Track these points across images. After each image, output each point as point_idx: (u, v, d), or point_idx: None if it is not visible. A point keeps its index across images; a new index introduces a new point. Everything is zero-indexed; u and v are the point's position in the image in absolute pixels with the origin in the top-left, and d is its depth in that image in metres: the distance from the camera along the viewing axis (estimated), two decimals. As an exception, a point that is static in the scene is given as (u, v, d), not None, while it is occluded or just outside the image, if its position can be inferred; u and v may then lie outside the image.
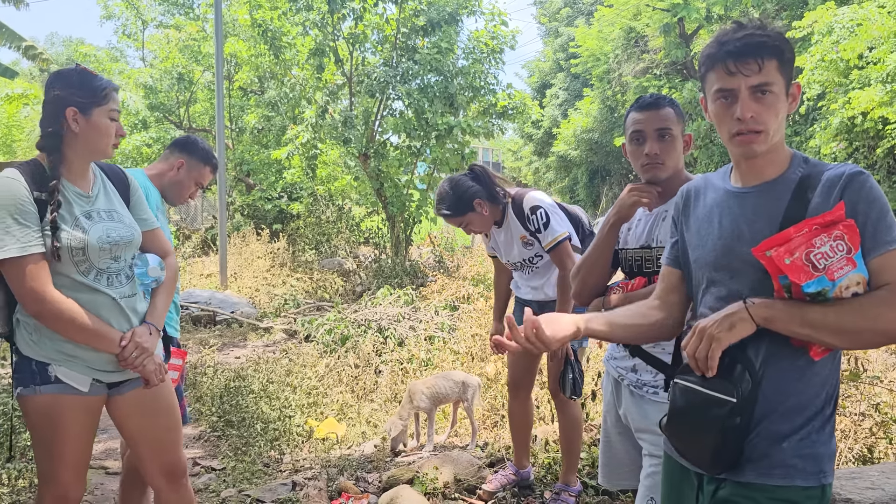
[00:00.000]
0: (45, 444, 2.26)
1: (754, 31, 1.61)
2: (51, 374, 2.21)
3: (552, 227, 3.28)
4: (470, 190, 3.35)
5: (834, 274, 1.47)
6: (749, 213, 1.65)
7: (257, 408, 5.37)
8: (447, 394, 4.58)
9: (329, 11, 12.14)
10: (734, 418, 1.53)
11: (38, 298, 2.11)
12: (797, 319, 1.49)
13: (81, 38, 45.56)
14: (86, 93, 2.23)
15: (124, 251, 2.32)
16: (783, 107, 1.63)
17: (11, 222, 2.09)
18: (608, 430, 2.56)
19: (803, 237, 1.49)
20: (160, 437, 2.46)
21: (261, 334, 9.06)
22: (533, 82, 41.16)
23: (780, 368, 1.56)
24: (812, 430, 1.56)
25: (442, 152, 12.34)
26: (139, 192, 2.53)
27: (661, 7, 21.71)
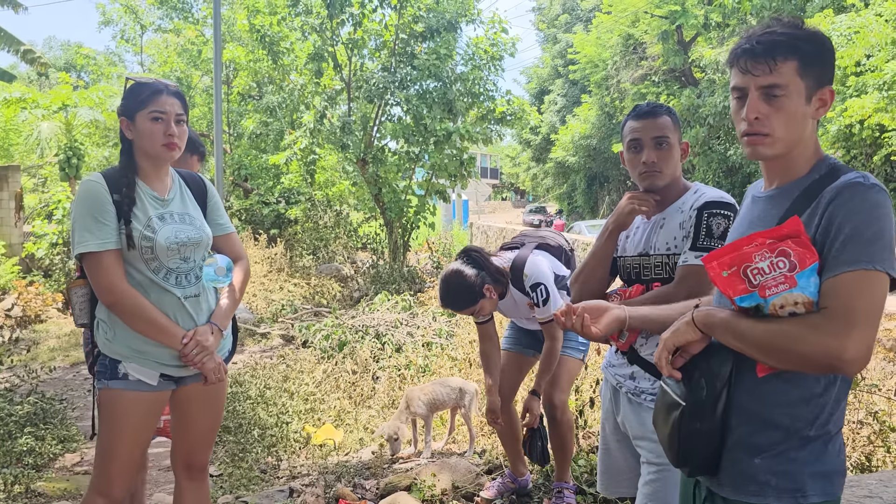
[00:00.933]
0: (104, 438, 2.41)
1: (777, 30, 1.53)
2: (119, 371, 2.37)
3: (551, 304, 3.35)
4: (477, 280, 3.36)
5: (766, 291, 1.42)
6: (756, 220, 1.62)
7: (254, 413, 5.36)
8: (444, 400, 4.57)
9: (328, 17, 12.17)
10: (693, 422, 1.52)
11: (112, 290, 2.30)
12: (730, 330, 1.47)
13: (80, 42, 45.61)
14: (129, 101, 2.40)
15: (193, 252, 2.46)
16: (801, 111, 1.53)
17: (91, 221, 2.29)
18: (606, 437, 2.55)
19: (751, 250, 1.45)
20: (200, 432, 2.61)
21: (258, 340, 9.05)
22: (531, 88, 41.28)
23: (752, 380, 1.51)
24: (790, 448, 1.48)
25: (440, 158, 12.36)
26: (216, 199, 2.68)
27: (660, 14, 21.77)
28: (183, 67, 18.00)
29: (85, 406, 5.81)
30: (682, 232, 2.27)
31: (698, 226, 2.21)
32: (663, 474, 2.25)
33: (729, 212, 2.22)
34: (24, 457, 4.46)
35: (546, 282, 3.36)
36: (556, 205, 38.34)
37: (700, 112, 20.30)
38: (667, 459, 2.21)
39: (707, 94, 20.50)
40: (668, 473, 2.24)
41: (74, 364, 7.75)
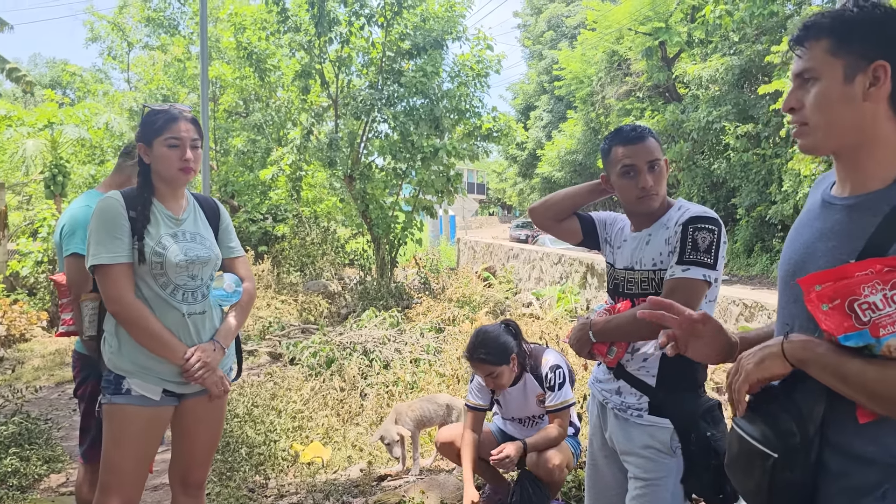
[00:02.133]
0: (107, 452, 2.45)
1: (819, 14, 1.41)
2: (123, 387, 2.43)
3: (565, 390, 3.47)
4: (511, 344, 3.49)
5: (880, 330, 1.21)
6: (828, 231, 1.40)
7: (242, 432, 5.33)
8: (432, 417, 4.57)
9: (316, 34, 12.23)
10: (783, 472, 1.33)
11: (119, 301, 2.39)
12: (831, 369, 1.27)
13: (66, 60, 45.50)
14: (146, 127, 2.51)
15: (201, 270, 2.54)
16: (835, 93, 1.36)
17: (105, 235, 2.40)
18: (594, 453, 2.56)
19: (859, 279, 1.23)
20: (199, 448, 2.67)
21: (245, 357, 9.00)
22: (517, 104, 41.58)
23: (844, 415, 1.32)
24: (893, 486, 1.30)
25: (427, 174, 12.41)
26: (228, 223, 2.79)
27: (643, 31, 22.04)
28: (170, 85, 18.00)
29: (70, 426, 5.75)
30: (668, 247, 2.29)
31: (684, 240, 2.23)
32: (651, 489, 2.27)
33: (713, 226, 2.24)
34: (9, 478, 4.41)
35: (564, 368, 3.50)
36: (542, 220, 38.43)
37: (684, 127, 20.51)
38: (655, 474, 2.26)
39: (691, 109, 20.72)
40: (657, 488, 2.26)
41: (59, 383, 7.67)
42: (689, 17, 21.66)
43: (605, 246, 2.58)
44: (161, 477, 4.23)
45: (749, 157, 18.14)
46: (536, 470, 3.42)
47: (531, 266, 15.32)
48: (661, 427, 2.26)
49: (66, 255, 2.96)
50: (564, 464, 3.42)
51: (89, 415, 3.04)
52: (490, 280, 15.24)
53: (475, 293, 11.80)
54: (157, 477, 4.34)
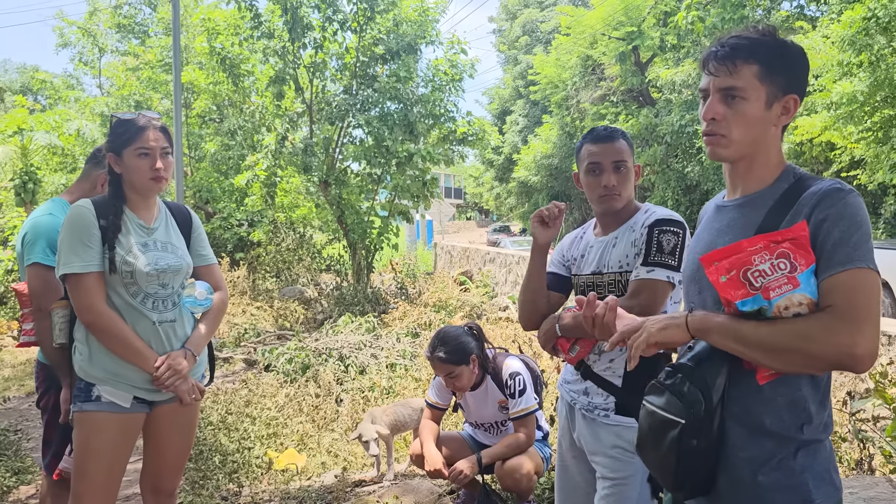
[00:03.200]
0: (80, 460, 2.44)
1: (744, 35, 1.56)
2: (93, 394, 2.43)
3: (526, 396, 3.47)
4: (470, 346, 3.51)
5: (770, 293, 1.40)
6: (724, 227, 1.62)
7: (216, 440, 5.29)
8: (406, 421, 4.57)
9: (290, 40, 12.19)
10: (689, 440, 1.45)
11: (91, 310, 2.38)
12: (730, 334, 1.44)
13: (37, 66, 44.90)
14: (115, 138, 2.50)
15: (172, 279, 2.54)
16: (760, 116, 1.55)
17: (77, 243, 2.39)
18: (563, 454, 2.58)
19: (751, 253, 1.43)
20: (170, 456, 2.66)
21: (220, 364, 8.93)
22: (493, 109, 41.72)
23: (745, 389, 1.49)
24: (787, 455, 1.47)
25: (402, 179, 12.41)
26: (200, 231, 2.78)
27: (617, 36, 22.24)
28: (142, 90, 17.82)
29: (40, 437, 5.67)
30: (634, 249, 2.33)
31: (649, 242, 2.27)
32: (619, 488, 2.30)
33: (678, 229, 2.28)
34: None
35: (525, 375, 3.51)
36: (519, 224, 38.63)
37: (658, 131, 20.72)
38: (623, 473, 2.29)
39: (664, 113, 20.94)
40: (624, 487, 2.29)
41: (29, 394, 7.56)
42: (661, 21, 21.90)
43: (571, 267, 2.59)
44: (134, 486, 4.18)
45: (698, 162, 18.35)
46: (505, 478, 3.43)
47: (507, 270, 15.36)
48: (627, 427, 2.29)
49: (27, 265, 2.88)
50: (534, 470, 3.44)
51: (51, 426, 2.99)
52: (467, 284, 15.26)
53: (451, 297, 11.80)
54: (129, 486, 4.29)
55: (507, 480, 3.42)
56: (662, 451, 1.51)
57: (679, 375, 1.51)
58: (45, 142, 14.96)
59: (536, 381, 3.68)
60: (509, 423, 3.58)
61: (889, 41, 10.95)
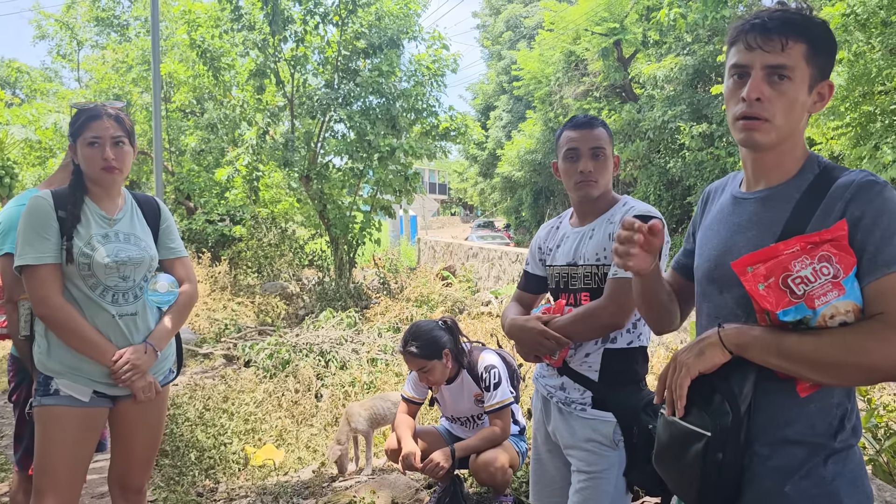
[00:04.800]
0: (41, 455, 2.39)
1: (790, 10, 1.41)
2: (51, 388, 2.39)
3: (501, 389, 3.44)
4: (443, 339, 3.47)
5: (815, 301, 1.29)
6: (745, 222, 1.49)
7: (192, 435, 5.23)
8: (385, 415, 4.54)
9: (271, 33, 12.08)
10: (714, 453, 1.36)
11: (45, 303, 2.34)
12: (772, 349, 1.32)
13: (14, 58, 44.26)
14: (71, 127, 2.48)
15: (133, 271, 2.48)
16: (802, 101, 1.42)
17: (33, 235, 2.35)
18: (538, 447, 2.56)
19: (788, 257, 1.31)
20: (136, 452, 2.62)
21: (200, 360, 8.86)
22: (477, 104, 41.65)
23: (773, 396, 1.39)
24: (817, 465, 1.37)
25: (385, 174, 12.35)
26: (169, 223, 2.72)
27: (600, 32, 22.27)
28: (121, 84, 17.60)
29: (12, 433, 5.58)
30: (611, 243, 2.29)
31: None
32: (594, 482, 2.28)
33: None
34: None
35: (500, 368, 3.48)
36: (503, 219, 38.66)
37: (640, 126, 20.78)
38: (598, 467, 2.27)
39: (647, 108, 21.00)
40: (599, 481, 2.27)
41: (4, 391, 7.45)
42: (643, 17, 21.95)
43: (546, 258, 2.56)
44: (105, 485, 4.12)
45: (703, 157, 18.43)
46: (479, 472, 3.41)
47: (490, 264, 15.36)
48: (603, 420, 2.27)
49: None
50: (508, 464, 3.42)
51: (23, 421, 2.95)
52: (450, 279, 15.24)
53: (433, 292, 11.78)
54: (102, 485, 4.23)
55: (481, 474, 3.40)
56: (685, 464, 1.42)
57: (704, 384, 1.41)
58: (21, 136, 14.76)
59: (513, 374, 3.66)
60: (485, 417, 3.56)
61: (867, 38, 11.02)
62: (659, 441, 1.52)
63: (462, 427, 3.72)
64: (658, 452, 1.53)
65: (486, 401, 3.45)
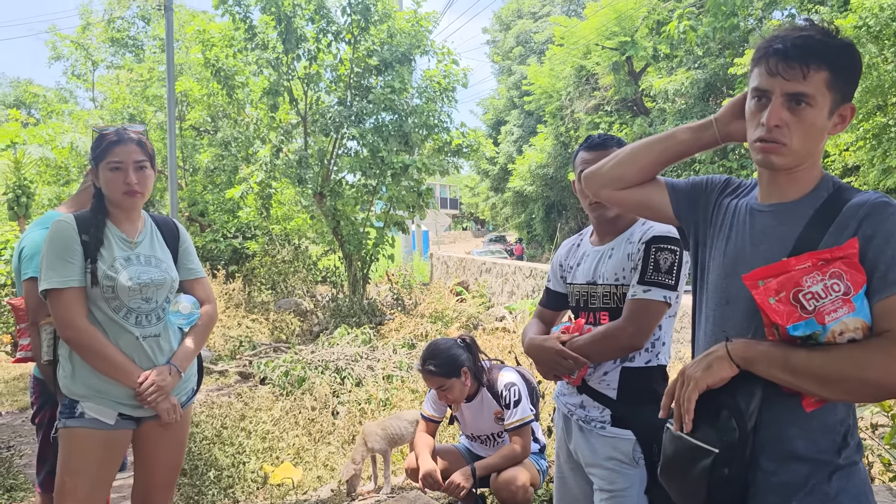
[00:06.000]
0: (62, 477, 2.40)
1: (815, 34, 1.42)
2: (76, 411, 2.41)
3: (521, 407, 3.44)
4: (461, 357, 3.49)
5: (825, 317, 1.30)
6: (758, 234, 1.51)
7: (210, 454, 5.24)
8: (402, 434, 4.53)
9: (284, 51, 12.19)
10: (721, 469, 1.37)
11: (70, 326, 2.36)
12: (779, 363, 1.34)
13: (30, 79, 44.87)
14: (93, 151, 2.51)
15: (156, 293, 2.51)
16: (821, 125, 1.44)
17: (57, 259, 2.38)
18: (561, 466, 2.56)
19: (800, 272, 1.33)
20: (159, 472, 2.63)
21: (216, 378, 8.89)
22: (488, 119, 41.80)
23: (779, 412, 1.41)
24: (821, 481, 1.39)
25: (398, 190, 12.40)
26: (187, 244, 2.76)
27: (610, 46, 22.33)
28: (136, 104, 17.81)
29: (34, 454, 5.61)
30: (630, 263, 2.31)
31: (646, 260, 2.25)
32: (615, 500, 2.28)
33: (676, 246, 2.26)
34: None
35: (520, 385, 3.48)
36: (515, 233, 38.67)
37: (652, 140, 20.73)
38: (620, 486, 2.27)
39: (658, 122, 21.01)
40: (621, 499, 2.27)
41: (23, 409, 7.51)
42: (654, 31, 22.00)
43: (567, 276, 2.57)
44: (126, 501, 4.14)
45: (716, 170, 18.40)
46: (500, 491, 3.40)
47: (504, 280, 15.35)
48: (623, 439, 2.27)
49: (23, 279, 2.90)
50: (529, 482, 3.41)
51: (47, 443, 2.98)
52: (463, 295, 15.25)
53: (448, 308, 11.78)
54: (122, 501, 4.25)
55: (502, 493, 3.40)
56: (691, 478, 1.43)
57: (711, 402, 1.41)
58: (38, 155, 14.92)
59: (532, 392, 3.66)
60: (505, 435, 3.55)
61: (880, 50, 11.01)
62: (665, 455, 1.53)
63: (482, 445, 3.72)
64: (664, 466, 1.54)
65: (506, 419, 3.45)
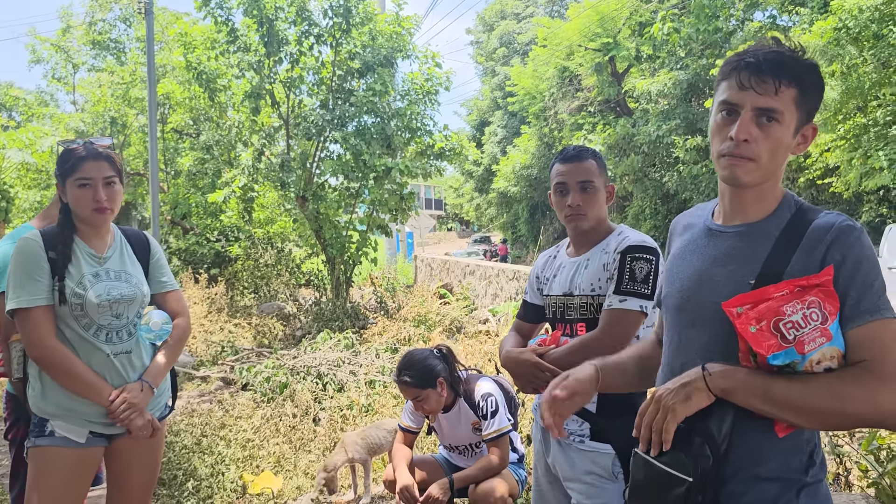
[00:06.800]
0: (31, 496, 2.36)
1: (785, 51, 1.42)
2: (46, 429, 2.37)
3: (499, 417, 3.42)
4: (437, 368, 3.46)
5: (805, 346, 1.31)
6: (723, 256, 1.50)
7: (189, 464, 5.18)
8: (381, 443, 4.50)
9: (266, 54, 12.12)
10: (694, 497, 1.35)
11: (39, 345, 2.32)
12: (759, 394, 1.33)
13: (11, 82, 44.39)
14: (60, 168, 2.45)
15: (126, 309, 2.46)
16: (787, 143, 1.45)
17: (25, 278, 2.33)
18: (539, 479, 2.54)
19: (779, 300, 1.33)
20: (134, 489, 2.58)
21: (197, 384, 8.80)
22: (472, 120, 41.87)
23: (749, 434, 1.40)
24: (791, 499, 1.39)
25: (381, 193, 12.35)
26: (158, 257, 2.70)
27: (593, 47, 22.41)
28: (117, 107, 17.64)
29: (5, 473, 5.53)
30: (606, 274, 2.30)
31: (622, 270, 2.25)
32: (594, 515, 2.26)
33: (651, 256, 2.25)
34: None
35: (497, 395, 3.46)
36: (500, 234, 38.72)
37: (635, 140, 20.86)
38: (598, 500, 2.25)
39: (641, 123, 21.10)
40: (600, 513, 2.25)
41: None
42: (636, 32, 22.09)
43: (543, 288, 2.56)
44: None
45: (698, 170, 18.50)
46: (479, 502, 3.38)
47: (487, 282, 15.34)
48: (602, 453, 2.26)
49: None
50: (507, 493, 3.39)
51: (20, 458, 2.93)
52: (447, 297, 15.21)
53: (431, 311, 11.74)
54: (97, 515, 4.18)
55: None
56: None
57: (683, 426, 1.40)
58: (18, 159, 14.77)
59: (511, 402, 3.64)
60: (484, 445, 3.53)
61: (860, 51, 11.10)
62: (634, 479, 1.50)
63: (460, 455, 3.69)
64: (633, 490, 1.51)
65: (483, 429, 3.43)
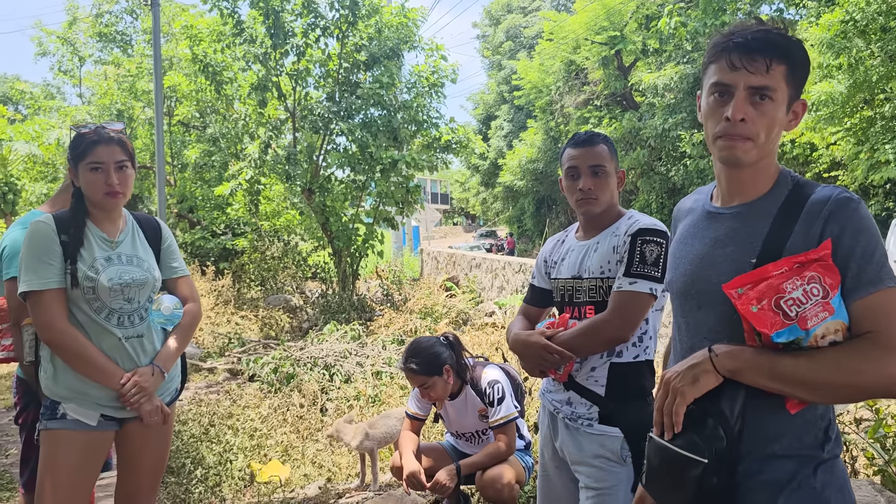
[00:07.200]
0: (43, 478, 2.37)
1: (772, 29, 1.43)
2: (58, 412, 2.38)
3: (505, 404, 3.43)
4: (443, 355, 3.47)
5: (807, 322, 1.31)
6: (723, 237, 1.51)
7: (197, 452, 5.22)
8: (391, 433, 4.52)
9: (272, 46, 12.12)
10: (710, 478, 1.36)
11: (51, 328, 2.33)
12: (765, 372, 1.34)
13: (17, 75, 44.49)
14: (72, 152, 2.45)
15: (138, 293, 2.47)
16: (781, 120, 1.45)
17: (36, 261, 2.34)
18: (545, 463, 2.55)
19: (778, 278, 1.33)
20: (143, 473, 2.60)
21: (204, 375, 8.85)
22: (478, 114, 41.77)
23: (761, 412, 1.40)
24: (807, 475, 1.39)
25: (387, 186, 12.36)
26: (170, 242, 2.71)
27: (600, 41, 22.33)
28: (123, 99, 17.67)
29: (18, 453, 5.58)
30: (616, 256, 2.30)
31: (632, 252, 2.24)
32: (602, 499, 2.26)
33: (662, 239, 2.25)
34: None
35: (504, 382, 3.48)
36: (506, 228, 38.68)
37: (641, 134, 20.81)
38: (606, 483, 2.26)
39: (648, 116, 21.04)
40: (608, 497, 2.26)
41: (8, 408, 7.45)
42: (643, 26, 22.02)
43: (551, 272, 2.57)
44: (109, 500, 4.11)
45: (705, 165, 18.45)
46: (486, 489, 3.39)
47: (493, 275, 15.34)
48: (611, 436, 2.26)
49: (4, 280, 2.87)
50: (514, 479, 3.40)
51: (30, 443, 2.95)
52: (453, 290, 15.23)
53: (437, 304, 11.76)
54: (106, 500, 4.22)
55: (488, 490, 3.39)
56: (679, 489, 1.42)
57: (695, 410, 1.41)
58: (24, 151, 14.82)
59: (517, 389, 3.65)
60: (490, 432, 3.54)
61: (867, 44, 11.04)
62: (650, 464, 1.51)
63: (467, 443, 3.71)
64: (649, 476, 1.52)
65: (490, 416, 3.44)
